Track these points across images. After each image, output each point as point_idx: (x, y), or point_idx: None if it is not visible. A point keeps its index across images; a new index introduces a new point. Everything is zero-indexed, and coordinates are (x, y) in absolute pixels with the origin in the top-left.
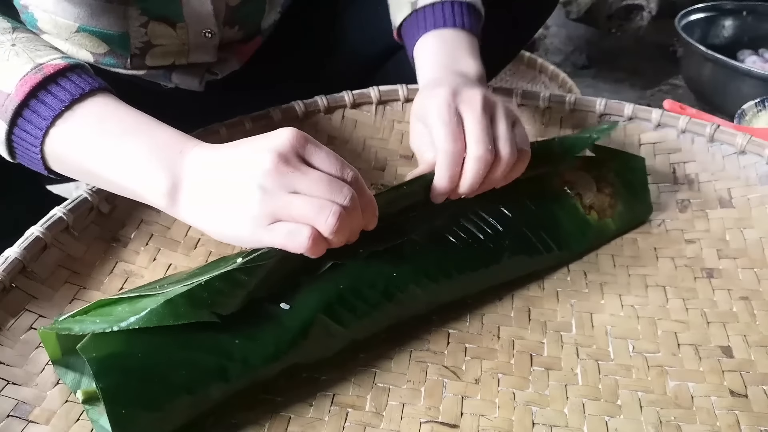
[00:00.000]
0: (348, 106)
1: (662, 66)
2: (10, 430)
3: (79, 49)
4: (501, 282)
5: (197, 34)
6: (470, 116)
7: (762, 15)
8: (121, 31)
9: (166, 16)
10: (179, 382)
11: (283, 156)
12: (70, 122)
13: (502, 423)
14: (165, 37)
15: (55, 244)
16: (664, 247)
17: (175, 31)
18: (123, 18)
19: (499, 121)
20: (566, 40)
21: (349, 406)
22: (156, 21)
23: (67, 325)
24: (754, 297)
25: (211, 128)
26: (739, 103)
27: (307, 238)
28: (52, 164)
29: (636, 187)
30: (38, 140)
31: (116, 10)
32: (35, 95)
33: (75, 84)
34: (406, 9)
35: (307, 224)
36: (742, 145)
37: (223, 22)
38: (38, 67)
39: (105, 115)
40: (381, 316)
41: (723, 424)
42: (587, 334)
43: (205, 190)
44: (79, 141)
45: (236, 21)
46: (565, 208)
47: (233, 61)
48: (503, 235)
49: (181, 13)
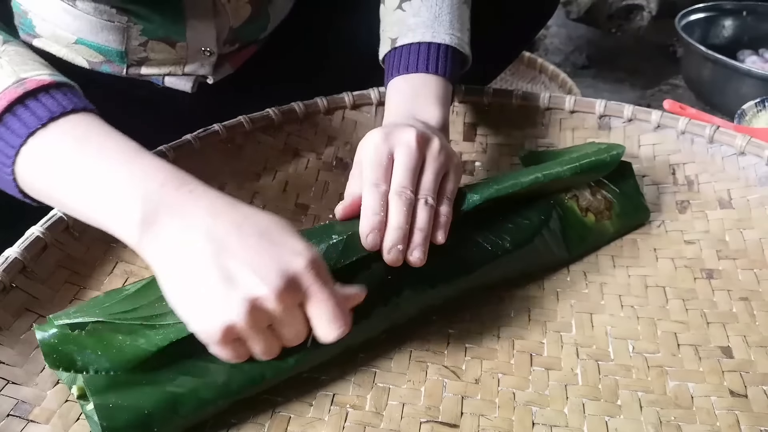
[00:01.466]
0: (348, 107)
1: (662, 66)
2: (10, 429)
3: (75, 56)
4: (498, 283)
5: (196, 51)
6: (398, 156)
7: (762, 15)
8: (119, 48)
9: (168, 38)
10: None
11: (288, 287)
12: (44, 141)
13: (502, 423)
14: (163, 53)
15: (56, 244)
16: (664, 248)
17: (174, 49)
18: (123, 37)
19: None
20: (566, 40)
21: (350, 405)
22: (156, 41)
23: (69, 346)
24: (753, 297)
25: (211, 129)
26: (739, 103)
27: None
28: (24, 186)
29: (629, 191)
30: (10, 159)
31: (117, 30)
32: (12, 110)
33: (57, 102)
34: (386, 45)
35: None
36: (742, 146)
37: (224, 42)
38: (20, 81)
39: (84, 137)
40: (377, 321)
41: (723, 424)
42: (587, 334)
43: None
44: (51, 161)
45: (237, 40)
46: (562, 210)
47: (227, 67)
48: (501, 238)
49: (184, 36)
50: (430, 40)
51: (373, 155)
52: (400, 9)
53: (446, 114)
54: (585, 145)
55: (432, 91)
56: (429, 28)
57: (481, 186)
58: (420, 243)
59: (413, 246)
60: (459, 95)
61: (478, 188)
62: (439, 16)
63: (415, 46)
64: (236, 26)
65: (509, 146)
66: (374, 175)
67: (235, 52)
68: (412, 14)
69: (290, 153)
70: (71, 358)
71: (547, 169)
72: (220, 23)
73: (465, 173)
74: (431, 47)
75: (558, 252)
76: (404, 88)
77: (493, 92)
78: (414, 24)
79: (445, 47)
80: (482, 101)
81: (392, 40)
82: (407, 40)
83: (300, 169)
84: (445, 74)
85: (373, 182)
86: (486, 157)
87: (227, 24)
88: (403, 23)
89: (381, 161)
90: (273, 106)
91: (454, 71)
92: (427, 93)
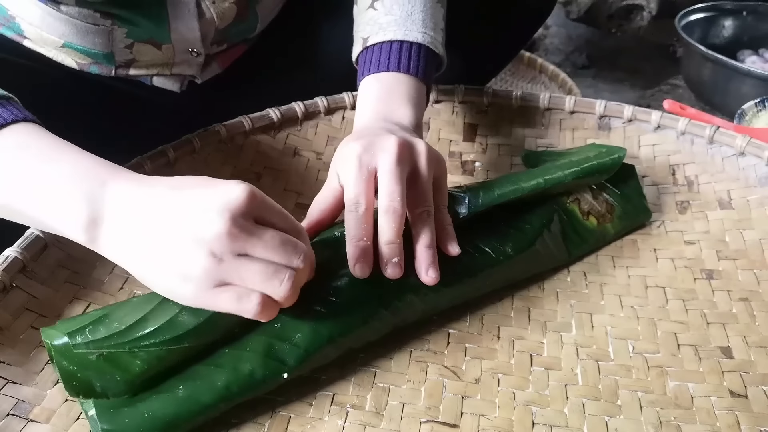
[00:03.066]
0: (348, 107)
1: (662, 66)
2: (10, 428)
3: (65, 57)
4: (501, 286)
5: (183, 52)
6: (384, 167)
7: (762, 15)
8: (106, 51)
9: (153, 39)
10: None
11: (236, 218)
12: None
13: (502, 423)
14: (150, 55)
15: (55, 243)
16: (664, 248)
17: (161, 51)
18: (108, 40)
19: (419, 177)
20: (566, 40)
21: (349, 405)
22: (141, 42)
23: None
24: (753, 298)
25: (211, 129)
26: (739, 103)
27: (257, 304)
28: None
29: (631, 194)
30: None
31: (102, 33)
32: None
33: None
34: (359, 44)
35: (256, 290)
36: (742, 146)
37: (211, 42)
38: None
39: (25, 145)
40: (379, 325)
41: (723, 425)
42: (587, 334)
43: (135, 233)
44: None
45: (225, 40)
46: (564, 214)
47: (214, 66)
48: (503, 243)
49: (169, 37)
50: (402, 38)
51: (353, 168)
52: (372, 8)
53: (420, 114)
54: (586, 147)
55: (405, 90)
56: (401, 27)
57: (483, 191)
58: (432, 261)
59: (426, 266)
60: (459, 95)
61: (480, 193)
62: (411, 14)
63: (386, 44)
64: (222, 27)
65: (509, 146)
66: (354, 192)
67: (223, 52)
68: (384, 13)
69: (290, 153)
70: (90, 385)
71: (548, 174)
72: (205, 24)
73: (465, 173)
74: (403, 46)
75: (558, 254)
76: (376, 87)
77: (493, 92)
78: (386, 23)
79: (417, 46)
80: (482, 101)
81: (364, 40)
82: (378, 38)
83: (300, 169)
84: (417, 73)
85: (353, 202)
86: (486, 157)
87: (213, 25)
88: (375, 22)
89: (362, 175)
90: (264, 104)
91: (428, 71)
92: (400, 92)
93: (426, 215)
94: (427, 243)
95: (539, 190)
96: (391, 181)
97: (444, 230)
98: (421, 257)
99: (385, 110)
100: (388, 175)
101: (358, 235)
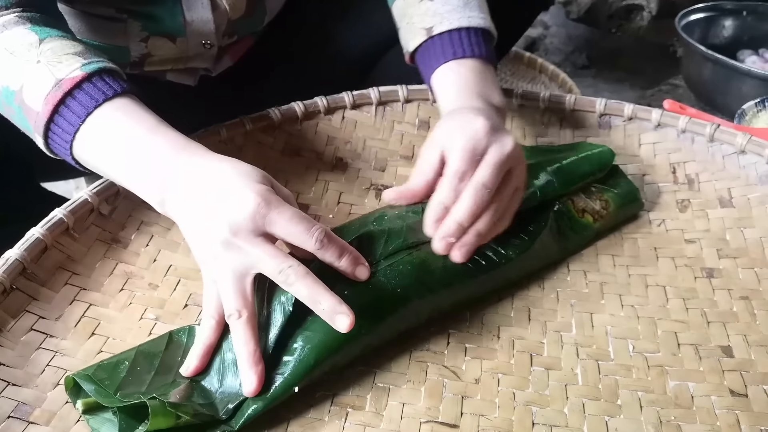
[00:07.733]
0: (348, 107)
1: (662, 66)
2: (11, 431)
3: None
4: (502, 286)
5: (197, 45)
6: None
7: (762, 15)
8: (121, 45)
9: (168, 32)
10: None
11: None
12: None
13: (502, 423)
14: (164, 49)
15: (56, 245)
16: (664, 247)
17: (175, 44)
18: (123, 34)
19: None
20: (566, 40)
21: (349, 406)
22: (157, 36)
23: None
24: (754, 297)
25: (211, 129)
26: (739, 103)
27: None
28: (81, 161)
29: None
30: (68, 151)
31: (117, 27)
32: (58, 111)
33: (90, 96)
34: (420, 35)
35: None
36: (742, 144)
37: (223, 34)
38: (58, 83)
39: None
40: (385, 332)
41: (723, 424)
42: (587, 334)
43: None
44: (94, 150)
45: (236, 32)
46: (560, 213)
47: (226, 59)
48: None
49: (184, 30)
50: (468, 25)
51: (470, 144)
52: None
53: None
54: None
55: (490, 75)
56: (464, 14)
57: None
58: (472, 243)
59: (463, 242)
60: None
61: None
62: (468, 2)
63: (455, 33)
64: (235, 18)
65: None
66: (461, 165)
67: (233, 44)
68: (442, 3)
69: (290, 153)
70: None
71: (543, 186)
72: (218, 16)
73: None
74: (471, 32)
75: (555, 252)
76: (461, 72)
77: None
78: (446, 11)
79: (483, 31)
80: None
81: (427, 30)
82: (444, 27)
83: (300, 169)
84: (490, 58)
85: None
86: None
87: (225, 16)
88: (435, 12)
89: (475, 155)
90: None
91: (493, 52)
92: (487, 77)
93: (494, 211)
94: (480, 229)
95: (536, 200)
96: (495, 170)
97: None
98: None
99: (479, 90)
100: (496, 164)
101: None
